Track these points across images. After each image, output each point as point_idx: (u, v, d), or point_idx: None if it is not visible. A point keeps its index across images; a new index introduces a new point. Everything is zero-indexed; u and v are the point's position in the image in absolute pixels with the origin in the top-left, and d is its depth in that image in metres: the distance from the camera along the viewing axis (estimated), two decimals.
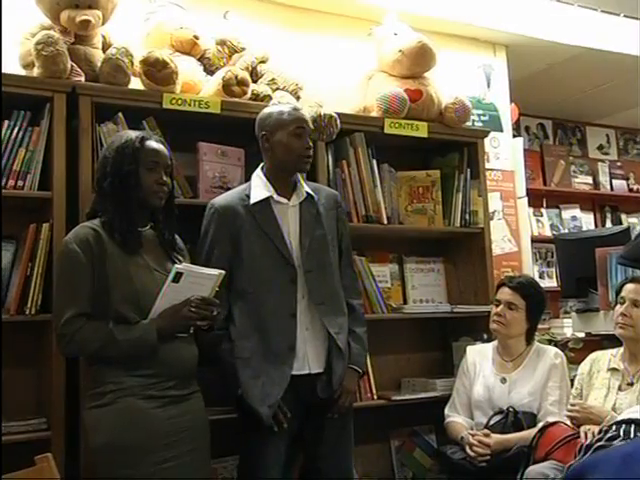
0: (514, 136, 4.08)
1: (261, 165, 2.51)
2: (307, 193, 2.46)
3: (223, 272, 2.11)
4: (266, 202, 2.41)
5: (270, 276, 2.35)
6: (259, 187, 2.44)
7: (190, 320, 2.05)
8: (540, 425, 2.64)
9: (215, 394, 2.33)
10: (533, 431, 2.61)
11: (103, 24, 2.68)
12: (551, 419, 2.65)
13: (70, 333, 1.99)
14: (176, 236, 2.26)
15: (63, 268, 2.06)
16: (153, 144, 2.15)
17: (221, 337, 2.33)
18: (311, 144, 2.44)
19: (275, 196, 2.42)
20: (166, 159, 2.16)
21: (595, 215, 5.34)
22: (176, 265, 2.05)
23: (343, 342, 2.40)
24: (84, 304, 2.01)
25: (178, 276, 2.01)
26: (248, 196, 2.42)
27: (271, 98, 2.87)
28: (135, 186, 2.09)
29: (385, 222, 3.09)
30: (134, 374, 2.02)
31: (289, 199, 2.45)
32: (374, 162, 3.11)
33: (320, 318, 2.37)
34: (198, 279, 2.06)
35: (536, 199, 4.83)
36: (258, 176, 2.48)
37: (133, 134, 2.17)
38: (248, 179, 2.56)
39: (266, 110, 2.49)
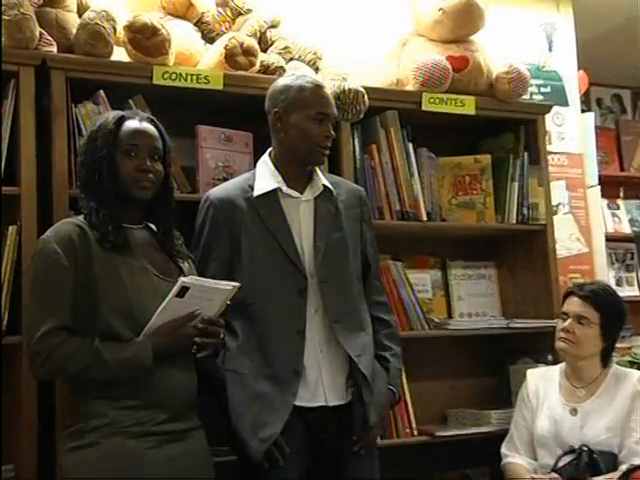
0: (583, 111, 4.05)
1: (269, 150, 2.49)
2: (324, 186, 2.45)
3: (237, 285, 2.11)
4: (273, 195, 2.39)
5: (274, 285, 2.34)
6: (265, 177, 2.42)
7: (192, 340, 2.05)
8: (623, 468, 2.61)
9: (220, 431, 2.32)
10: (614, 475, 2.59)
11: None
12: (637, 461, 2.61)
13: (47, 350, 1.97)
14: (179, 236, 2.27)
15: (40, 271, 2.05)
16: (132, 124, 2.16)
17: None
18: (333, 133, 2.43)
19: (284, 188, 2.40)
20: (151, 140, 2.16)
21: None
22: (182, 278, 2.05)
23: (367, 367, 2.36)
24: (65, 315, 2.00)
25: (183, 290, 2.01)
26: (251, 187, 2.41)
27: (284, 70, 2.87)
28: (110, 175, 2.10)
29: (424, 219, 3.09)
30: (120, 406, 2.00)
31: (302, 192, 2.42)
32: (410, 146, 3.11)
33: (337, 338, 2.36)
34: (206, 294, 2.06)
35: (611, 188, 4.77)
36: (264, 163, 2.46)
37: (111, 115, 2.18)
38: None
39: (282, 81, 2.47)
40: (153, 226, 2.24)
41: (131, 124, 2.16)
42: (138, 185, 2.12)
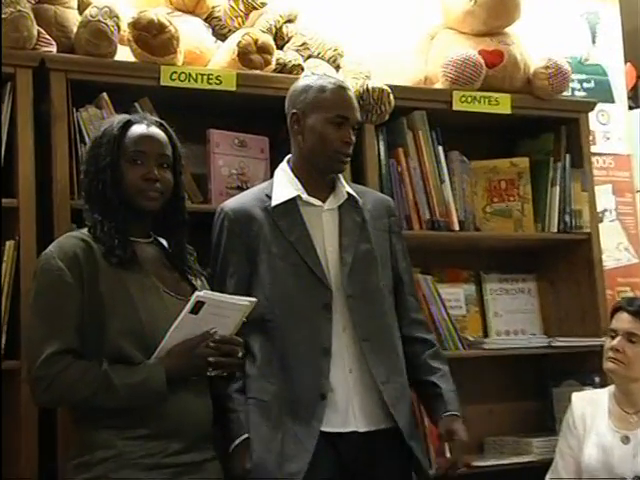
0: (630, 108, 4.03)
1: (288, 156, 2.50)
2: (349, 195, 2.45)
3: (255, 300, 2.12)
4: (293, 204, 2.40)
5: (296, 300, 2.35)
6: (283, 184, 2.43)
7: (208, 360, 2.05)
8: None
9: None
10: None
11: None
12: None
13: (51, 375, 1.97)
14: (191, 251, 2.29)
15: (42, 289, 2.06)
16: (138, 129, 2.17)
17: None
18: (353, 138, 2.42)
19: (304, 196, 2.41)
20: (158, 146, 2.17)
21: None
22: (197, 292, 2.05)
23: (391, 397, 2.34)
24: (70, 337, 2.01)
25: (198, 306, 2.01)
26: (269, 196, 2.42)
27: (302, 69, 2.88)
28: (115, 185, 2.11)
29: (456, 228, 3.09)
30: (130, 436, 2.00)
31: (324, 201, 2.43)
32: (440, 149, 3.12)
33: (365, 358, 2.35)
34: (223, 310, 2.06)
35: None
36: (283, 170, 2.47)
37: (116, 119, 2.19)
38: None
39: (303, 81, 2.48)
40: (163, 240, 2.25)
41: (137, 129, 2.16)
42: (144, 195, 2.13)
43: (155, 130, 2.19)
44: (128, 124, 2.16)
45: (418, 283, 3.05)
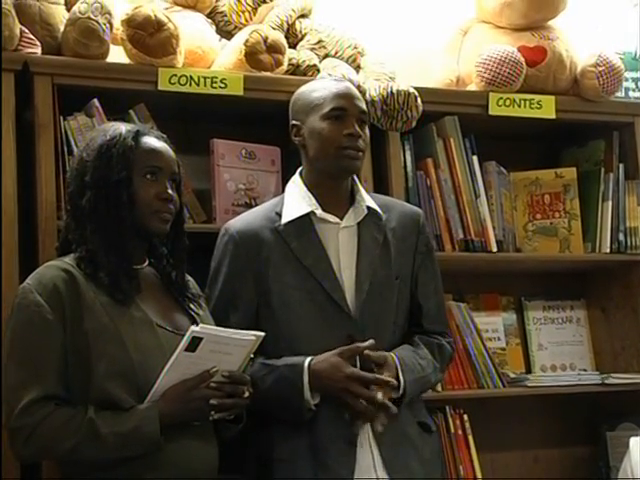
0: None
1: (299, 169, 2.51)
2: (369, 209, 2.46)
3: (261, 334, 2.10)
4: (306, 221, 2.41)
5: (318, 334, 2.36)
6: (295, 200, 2.45)
7: (209, 403, 2.04)
8: None
9: None
10: None
11: None
12: None
13: (31, 425, 1.96)
14: (188, 277, 2.28)
15: (19, 329, 2.05)
16: (153, 141, 2.17)
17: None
18: (360, 131, 2.40)
19: (319, 212, 2.42)
20: (172, 164, 2.18)
21: None
22: (192, 327, 2.03)
23: (389, 450, 2.33)
24: (52, 382, 2.00)
25: (195, 342, 2.00)
26: (279, 215, 2.44)
27: (318, 70, 2.89)
28: (128, 203, 2.10)
29: (494, 249, 3.10)
30: None
31: (341, 217, 2.44)
32: (474, 159, 3.14)
33: None
34: (224, 346, 2.05)
35: None
36: (295, 184, 2.49)
37: (123, 127, 2.17)
38: None
39: (298, 90, 2.51)
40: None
41: (152, 142, 2.16)
42: (159, 217, 2.13)
43: (165, 144, 2.20)
44: (140, 134, 2.16)
45: (450, 311, 3.05)
